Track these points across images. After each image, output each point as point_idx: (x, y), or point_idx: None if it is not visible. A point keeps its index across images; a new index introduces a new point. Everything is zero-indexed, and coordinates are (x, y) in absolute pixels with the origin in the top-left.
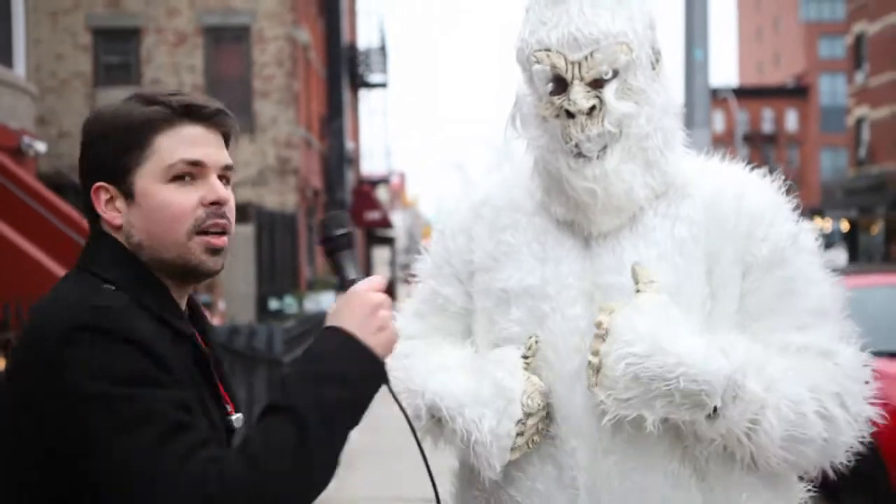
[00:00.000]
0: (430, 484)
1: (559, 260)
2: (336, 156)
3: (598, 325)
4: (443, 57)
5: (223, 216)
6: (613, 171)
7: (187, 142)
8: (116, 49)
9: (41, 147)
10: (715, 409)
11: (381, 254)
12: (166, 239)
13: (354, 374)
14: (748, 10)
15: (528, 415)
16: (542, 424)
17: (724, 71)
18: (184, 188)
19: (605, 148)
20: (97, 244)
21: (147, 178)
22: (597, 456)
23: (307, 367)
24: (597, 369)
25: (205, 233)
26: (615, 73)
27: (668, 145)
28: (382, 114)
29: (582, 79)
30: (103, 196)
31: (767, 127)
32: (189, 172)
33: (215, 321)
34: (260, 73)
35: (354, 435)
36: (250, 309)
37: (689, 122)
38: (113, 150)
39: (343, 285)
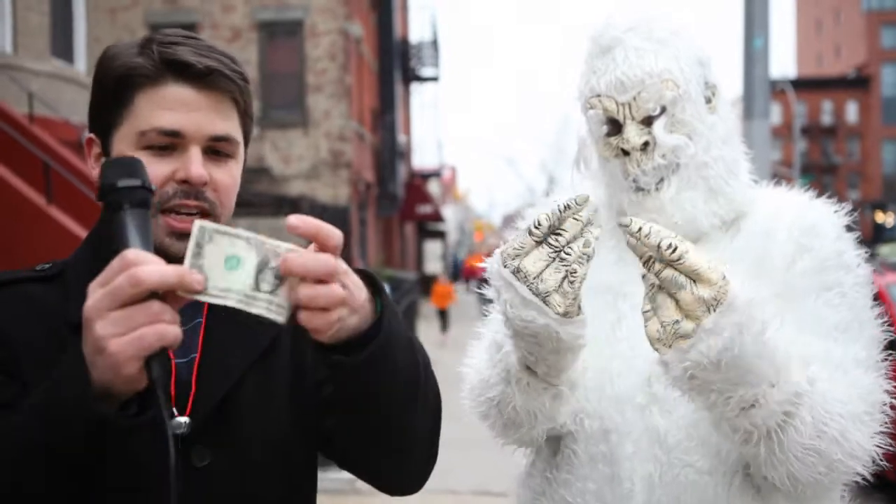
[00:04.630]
0: (480, 476)
1: (631, 262)
2: (388, 149)
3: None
4: (495, 50)
5: (197, 197)
6: (671, 200)
7: (167, 105)
8: None
9: None
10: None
11: (432, 248)
12: None
13: (52, 404)
14: (807, 2)
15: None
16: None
17: (782, 63)
18: (156, 158)
19: (662, 180)
20: None
21: (123, 142)
22: (654, 450)
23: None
24: (675, 333)
25: (171, 211)
26: (663, 109)
27: (731, 174)
28: (434, 107)
29: (633, 118)
30: (94, 149)
31: (826, 119)
32: (165, 143)
33: None
34: (313, 68)
35: None
36: None
37: (749, 112)
38: (100, 102)
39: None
